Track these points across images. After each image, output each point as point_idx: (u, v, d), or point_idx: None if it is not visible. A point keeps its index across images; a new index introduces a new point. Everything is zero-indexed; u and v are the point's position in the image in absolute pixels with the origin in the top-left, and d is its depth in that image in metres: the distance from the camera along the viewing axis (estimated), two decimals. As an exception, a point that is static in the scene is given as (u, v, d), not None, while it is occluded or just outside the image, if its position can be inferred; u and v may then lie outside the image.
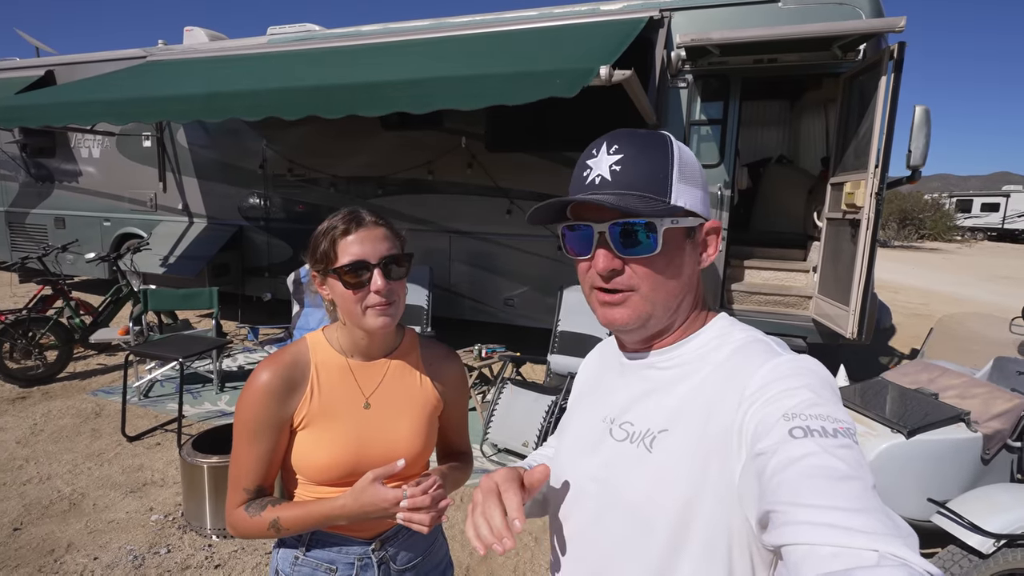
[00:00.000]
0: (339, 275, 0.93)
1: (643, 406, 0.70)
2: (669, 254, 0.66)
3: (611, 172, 0.66)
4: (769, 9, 4.04)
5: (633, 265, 0.66)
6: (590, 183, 0.67)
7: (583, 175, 0.69)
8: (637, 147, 0.66)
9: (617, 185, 0.65)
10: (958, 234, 24.67)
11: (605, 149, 0.67)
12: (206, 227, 6.48)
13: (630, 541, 0.66)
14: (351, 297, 0.94)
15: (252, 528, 0.97)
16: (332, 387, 1.00)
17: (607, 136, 0.69)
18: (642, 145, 0.67)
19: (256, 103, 3.69)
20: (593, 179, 0.67)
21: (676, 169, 0.66)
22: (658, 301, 0.67)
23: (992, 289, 11.44)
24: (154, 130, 6.51)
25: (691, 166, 0.68)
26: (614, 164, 0.66)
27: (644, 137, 0.68)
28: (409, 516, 0.88)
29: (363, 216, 0.97)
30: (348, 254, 0.93)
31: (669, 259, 0.67)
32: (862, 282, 3.60)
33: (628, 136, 0.68)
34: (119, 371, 4.71)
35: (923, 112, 3.70)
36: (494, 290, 5.39)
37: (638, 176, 0.65)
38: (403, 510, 0.88)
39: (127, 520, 2.72)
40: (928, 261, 17.23)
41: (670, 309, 0.69)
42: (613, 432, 0.71)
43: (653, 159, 0.66)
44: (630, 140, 0.67)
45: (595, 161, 0.68)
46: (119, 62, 6.31)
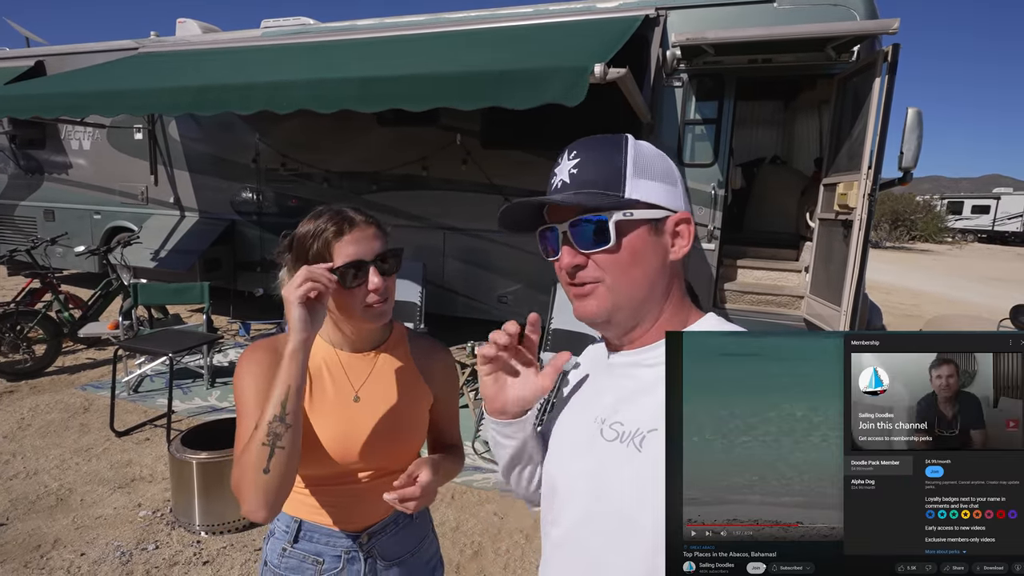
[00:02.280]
0: (338, 276, 0.93)
1: (632, 406, 0.70)
2: (628, 246, 0.69)
3: (569, 175, 0.71)
4: (764, 9, 4.04)
5: (596, 258, 0.69)
6: (554, 188, 0.73)
7: (550, 182, 0.74)
8: (592, 149, 0.71)
9: (574, 186, 0.70)
10: (949, 236, 24.90)
11: (566, 155, 0.73)
12: (198, 221, 6.43)
13: (620, 541, 0.66)
14: (348, 297, 0.95)
15: (249, 461, 0.84)
16: (320, 378, 1.00)
17: (571, 144, 0.74)
18: (597, 147, 0.71)
19: (249, 96, 3.66)
20: (556, 184, 0.72)
21: (630, 165, 0.69)
22: (622, 292, 0.70)
23: (982, 291, 11.56)
24: (145, 122, 6.44)
25: (649, 160, 0.71)
26: (572, 168, 0.71)
27: (600, 140, 0.72)
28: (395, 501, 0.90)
29: (353, 216, 0.97)
30: (343, 255, 0.93)
31: (629, 251, 0.69)
32: (854, 283, 3.62)
33: (586, 141, 0.73)
34: (108, 366, 4.67)
35: (915, 114, 3.72)
36: (487, 287, 5.39)
37: (592, 175, 0.69)
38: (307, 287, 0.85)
39: (115, 516, 2.70)
40: (919, 262, 17.38)
41: (637, 300, 0.71)
42: (604, 432, 0.72)
43: (605, 158, 0.70)
44: (586, 144, 0.72)
45: (559, 168, 0.73)
46: (111, 53, 6.24)
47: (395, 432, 1.02)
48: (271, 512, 0.86)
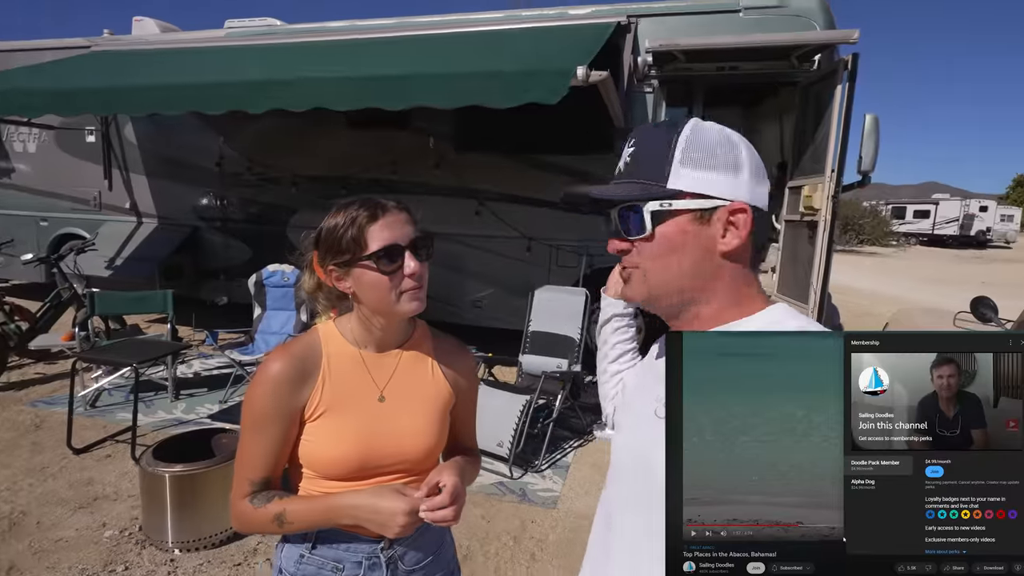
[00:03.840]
0: (373, 262, 0.91)
1: None
2: (664, 235, 0.69)
3: (624, 163, 0.72)
4: (730, 18, 4.18)
5: (638, 245, 0.71)
6: (616, 173, 0.74)
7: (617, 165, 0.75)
8: (645, 137, 0.72)
9: (626, 174, 0.72)
10: (894, 239, 26.22)
11: (628, 141, 0.74)
12: (157, 228, 6.16)
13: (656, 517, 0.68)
14: (385, 284, 0.92)
15: (256, 520, 0.93)
16: (344, 378, 0.97)
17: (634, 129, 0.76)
18: (650, 134, 0.72)
19: (219, 96, 3.54)
20: (617, 169, 0.74)
21: (678, 153, 0.68)
22: (659, 278, 0.71)
23: (929, 290, 12.21)
24: (99, 124, 6.14)
25: (705, 149, 0.69)
26: (628, 155, 0.72)
27: (656, 127, 0.72)
28: (432, 516, 0.88)
29: (384, 202, 0.94)
30: (379, 239, 0.91)
31: (664, 240, 0.69)
32: (820, 281, 3.76)
33: (645, 128, 0.73)
34: (60, 380, 4.41)
35: (873, 120, 3.92)
36: (462, 291, 5.35)
37: (641, 164, 0.70)
38: (414, 524, 0.89)
39: (77, 538, 2.53)
40: (868, 264, 18.25)
41: (674, 287, 0.71)
42: (657, 411, 0.73)
43: (655, 147, 0.70)
44: (644, 131, 0.73)
45: (624, 153, 0.74)
46: (60, 51, 5.93)
47: (421, 432, 1.00)
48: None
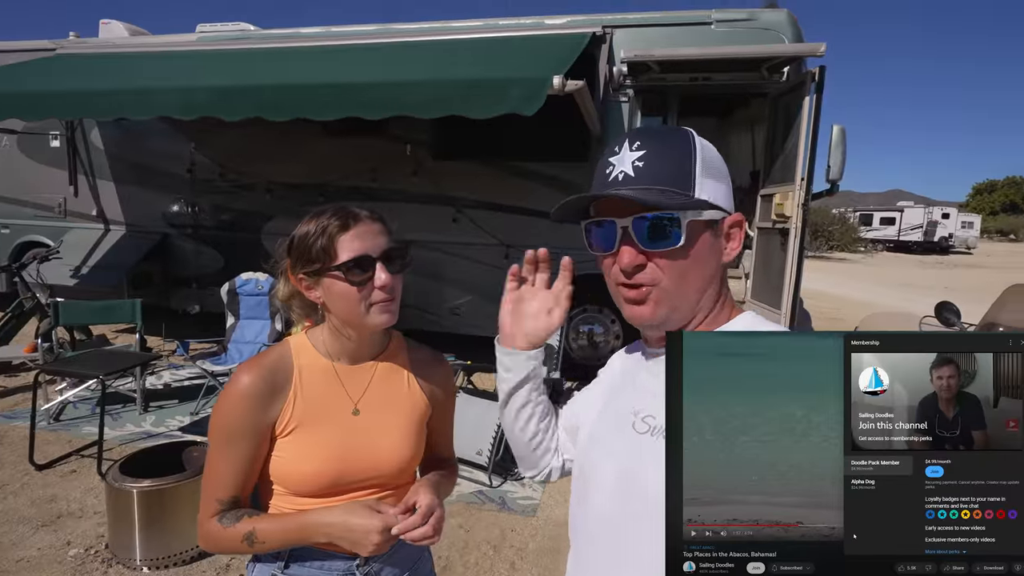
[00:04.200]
0: (342, 272, 0.89)
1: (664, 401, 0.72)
2: (692, 247, 0.67)
3: (634, 168, 0.67)
4: (702, 30, 4.29)
5: (656, 259, 0.67)
6: (613, 179, 0.68)
7: (606, 172, 0.70)
8: (659, 143, 0.68)
9: (640, 181, 0.67)
10: (862, 246, 27.01)
11: (627, 146, 0.68)
12: (125, 235, 5.99)
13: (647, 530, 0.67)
14: (354, 295, 0.90)
15: (225, 540, 0.90)
16: (317, 392, 0.95)
17: (629, 133, 0.71)
18: (664, 141, 0.68)
19: (192, 101, 3.47)
20: (616, 176, 0.68)
21: (699, 163, 0.67)
22: (680, 295, 0.68)
23: (895, 295, 12.60)
24: (64, 129, 5.96)
25: (714, 161, 0.70)
26: (637, 160, 0.67)
27: (666, 133, 0.70)
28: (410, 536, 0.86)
29: (357, 211, 0.93)
30: (349, 250, 0.89)
31: (692, 252, 0.67)
32: (792, 286, 3.86)
33: (650, 133, 0.69)
34: (22, 393, 4.24)
35: (840, 131, 4.04)
36: (440, 299, 5.32)
37: (660, 171, 0.67)
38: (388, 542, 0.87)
39: (40, 557, 2.43)
40: (837, 269, 18.74)
41: (692, 303, 0.70)
42: (635, 425, 0.73)
43: (675, 154, 0.67)
44: (652, 137, 0.69)
45: (618, 158, 0.69)
46: (22, 54, 5.74)
47: (396, 445, 0.98)
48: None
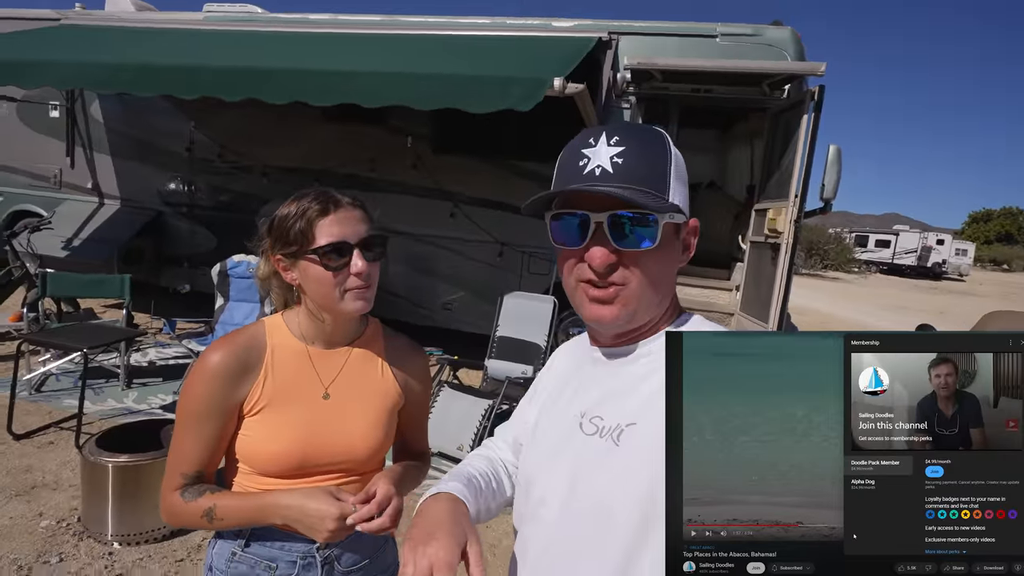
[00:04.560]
0: (318, 256, 0.89)
1: (613, 401, 0.69)
2: (662, 249, 0.67)
3: (612, 164, 0.65)
4: (707, 43, 4.31)
5: (627, 260, 0.66)
6: (589, 173, 0.66)
7: (579, 164, 0.67)
8: (638, 141, 0.66)
9: (620, 178, 0.64)
10: (856, 266, 27.19)
11: (605, 139, 0.66)
12: (119, 210, 5.97)
13: (597, 533, 0.66)
14: (329, 280, 0.90)
15: (186, 514, 0.91)
16: (288, 373, 0.96)
17: (605, 126, 0.68)
18: (643, 139, 0.67)
19: (195, 80, 3.46)
20: (593, 169, 0.66)
21: (673, 166, 0.67)
22: (644, 297, 0.68)
23: (885, 317, 12.71)
24: (63, 99, 5.92)
25: (682, 165, 0.69)
26: (616, 156, 0.65)
27: (643, 131, 0.68)
28: (365, 527, 0.86)
29: (339, 196, 0.93)
30: (327, 235, 0.90)
31: (662, 254, 0.67)
32: (780, 300, 3.89)
33: (628, 129, 0.68)
34: (4, 362, 4.21)
35: (835, 151, 4.08)
36: (432, 293, 5.34)
37: (639, 170, 0.65)
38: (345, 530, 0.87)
39: (11, 526, 2.43)
40: (829, 288, 18.87)
41: (653, 305, 0.70)
42: (583, 427, 0.71)
43: (653, 154, 0.66)
44: (631, 133, 0.67)
45: (593, 151, 0.66)
46: (26, 22, 5.71)
47: (364, 432, 0.98)
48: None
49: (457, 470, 0.84)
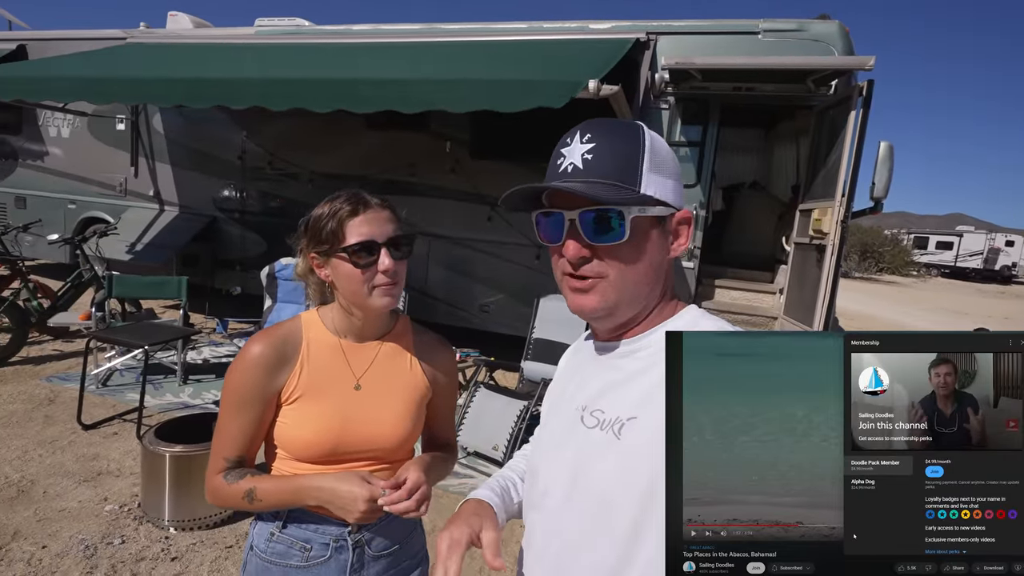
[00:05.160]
0: (348, 255, 0.95)
1: (614, 394, 0.71)
2: (637, 242, 0.67)
3: (583, 160, 0.67)
4: (749, 40, 4.21)
5: (602, 253, 0.67)
6: (563, 171, 0.69)
7: (557, 163, 0.70)
8: (609, 136, 0.68)
9: (588, 173, 0.67)
10: (914, 269, 25.78)
11: (578, 138, 0.69)
12: (177, 216, 6.33)
13: (598, 525, 0.68)
14: (358, 277, 0.95)
15: (228, 495, 0.98)
16: (322, 365, 1.01)
17: (582, 125, 0.70)
18: (614, 134, 0.68)
19: (242, 91, 3.66)
20: (566, 167, 0.68)
21: (647, 159, 0.67)
22: (625, 288, 0.68)
23: (933, 319, 12.04)
24: (129, 113, 6.34)
25: (663, 156, 0.69)
26: (586, 153, 0.67)
27: (617, 126, 0.69)
28: (394, 509, 0.91)
29: (368, 198, 0.99)
30: (356, 234, 0.95)
31: (637, 247, 0.67)
32: (825, 305, 3.75)
33: (601, 125, 0.69)
34: (75, 358, 4.54)
35: (887, 148, 3.91)
36: (470, 295, 5.41)
37: (609, 165, 0.66)
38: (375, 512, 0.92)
39: (79, 509, 2.62)
40: (884, 292, 17.97)
41: (638, 297, 0.70)
42: (584, 420, 0.72)
43: (624, 148, 0.67)
44: (602, 129, 0.69)
45: (568, 149, 0.69)
46: (97, 42, 6.15)
47: (394, 422, 1.03)
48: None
49: (488, 481, 0.91)
